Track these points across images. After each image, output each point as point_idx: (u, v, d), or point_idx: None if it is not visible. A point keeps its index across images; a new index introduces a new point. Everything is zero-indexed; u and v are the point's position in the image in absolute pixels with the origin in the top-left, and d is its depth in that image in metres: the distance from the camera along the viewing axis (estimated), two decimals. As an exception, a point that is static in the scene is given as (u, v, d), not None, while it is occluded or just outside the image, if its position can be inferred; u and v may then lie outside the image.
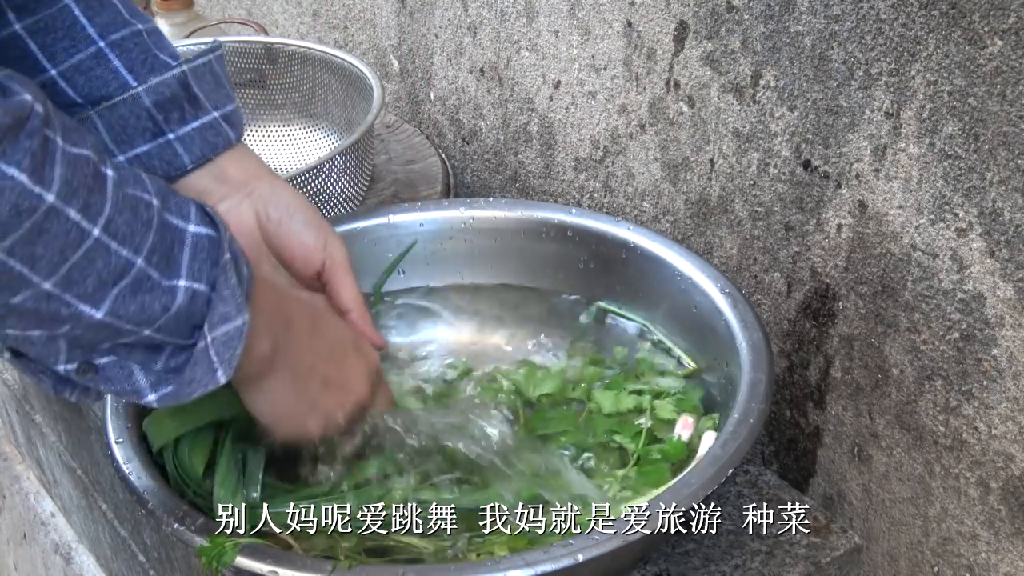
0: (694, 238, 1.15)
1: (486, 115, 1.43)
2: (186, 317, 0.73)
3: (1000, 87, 0.80)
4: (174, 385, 0.75)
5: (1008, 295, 0.85)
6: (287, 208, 0.93)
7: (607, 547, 0.78)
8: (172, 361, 0.75)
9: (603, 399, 1.01)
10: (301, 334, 0.85)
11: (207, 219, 0.75)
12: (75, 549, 1.66)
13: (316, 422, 0.88)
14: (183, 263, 0.72)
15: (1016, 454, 0.88)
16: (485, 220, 1.16)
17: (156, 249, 0.70)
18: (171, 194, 0.74)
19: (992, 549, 0.92)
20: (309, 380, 0.86)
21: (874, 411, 1.00)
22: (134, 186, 0.70)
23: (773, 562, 0.95)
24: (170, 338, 0.73)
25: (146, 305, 0.70)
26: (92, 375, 0.74)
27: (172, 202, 0.73)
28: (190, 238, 0.73)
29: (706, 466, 0.84)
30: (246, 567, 0.79)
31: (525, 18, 1.29)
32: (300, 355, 0.85)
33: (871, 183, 0.93)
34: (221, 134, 0.92)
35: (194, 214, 0.74)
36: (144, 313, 0.71)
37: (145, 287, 0.70)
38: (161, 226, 0.71)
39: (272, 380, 0.85)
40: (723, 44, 1.04)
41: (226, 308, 0.74)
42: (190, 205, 0.74)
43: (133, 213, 0.69)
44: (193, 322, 0.73)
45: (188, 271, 0.72)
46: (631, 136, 1.20)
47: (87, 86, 0.90)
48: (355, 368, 0.90)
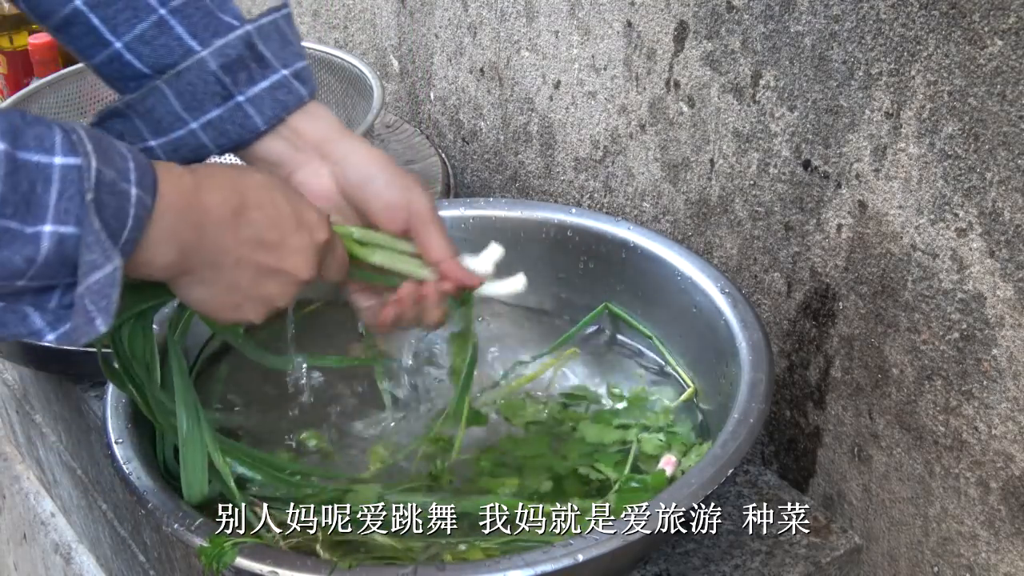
0: (694, 238, 1.15)
1: (486, 115, 1.43)
2: (60, 262, 0.69)
3: (1000, 87, 0.80)
4: (71, 324, 0.71)
5: (1008, 295, 0.85)
6: (366, 170, 0.91)
7: (607, 547, 0.78)
8: (65, 298, 0.71)
9: (587, 430, 1.00)
10: (220, 228, 0.80)
11: (71, 147, 0.69)
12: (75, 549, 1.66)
13: (255, 310, 0.84)
14: (50, 203, 0.67)
15: (1016, 454, 0.88)
16: (485, 220, 1.16)
17: (8, 199, 0.66)
18: (30, 126, 0.68)
19: (992, 549, 0.92)
20: (237, 273, 0.82)
21: (874, 411, 1.00)
22: None
23: (773, 562, 0.95)
24: (53, 281, 0.70)
25: (6, 260, 0.67)
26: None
27: (29, 136, 0.68)
28: (56, 172, 0.68)
29: (706, 466, 0.84)
30: (246, 567, 0.79)
31: (525, 18, 1.29)
32: (221, 250, 0.80)
33: (871, 183, 0.93)
34: (292, 92, 0.90)
35: (59, 144, 0.68)
36: (6, 269, 0.67)
37: (3, 241, 0.66)
38: (14, 170, 0.66)
39: (191, 279, 0.80)
40: (723, 44, 1.04)
41: (91, 255, 0.69)
42: (53, 134, 0.68)
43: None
44: (72, 263, 0.69)
45: (55, 212, 0.67)
46: (631, 136, 1.20)
47: (152, 55, 0.89)
48: (296, 250, 0.84)
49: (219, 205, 0.80)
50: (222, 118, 0.89)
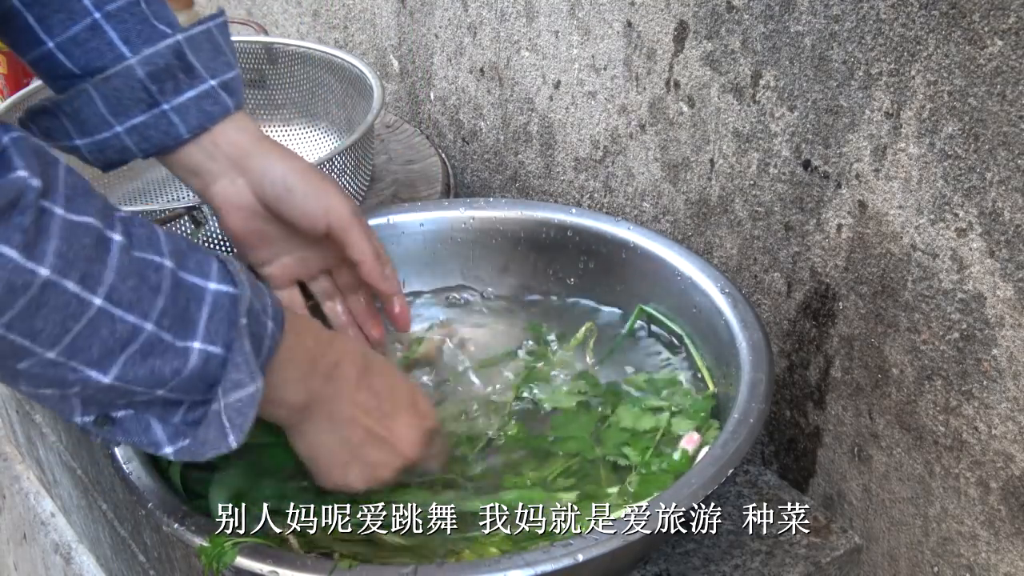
0: (694, 238, 1.15)
1: (486, 115, 1.43)
2: (200, 378, 0.72)
3: (1000, 87, 0.80)
4: (191, 439, 0.74)
5: (1008, 295, 0.85)
6: (283, 182, 0.92)
7: (607, 547, 0.78)
8: (190, 415, 0.74)
9: (624, 414, 0.99)
10: (344, 384, 0.84)
11: (228, 276, 0.74)
12: (75, 549, 1.66)
13: (358, 475, 0.87)
14: (200, 323, 0.71)
15: (1016, 454, 0.88)
16: (485, 220, 1.16)
17: (167, 312, 0.70)
18: (191, 251, 0.73)
19: (992, 549, 0.92)
20: (350, 431, 0.85)
21: (874, 411, 1.00)
22: (145, 248, 0.70)
23: (773, 562, 0.95)
24: (186, 396, 0.73)
25: (156, 369, 0.70)
26: (109, 427, 0.74)
27: (191, 260, 0.72)
28: (210, 296, 0.72)
29: (706, 466, 0.84)
30: (246, 567, 0.79)
31: (525, 18, 1.29)
32: (340, 405, 0.84)
33: (871, 183, 0.93)
34: (219, 103, 0.91)
35: (215, 272, 0.73)
36: (154, 377, 0.70)
37: (157, 351, 0.70)
38: (174, 287, 0.70)
39: (310, 426, 0.84)
40: (723, 44, 1.04)
41: (239, 375, 0.73)
42: (211, 262, 0.73)
43: (140, 278, 0.68)
44: (209, 382, 0.73)
45: (205, 332, 0.71)
46: (631, 136, 1.20)
47: (83, 58, 0.90)
48: (406, 427, 0.88)
49: (347, 363, 0.85)
50: (146, 124, 0.90)
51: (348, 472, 0.86)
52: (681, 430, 0.97)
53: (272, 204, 0.93)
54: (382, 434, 0.86)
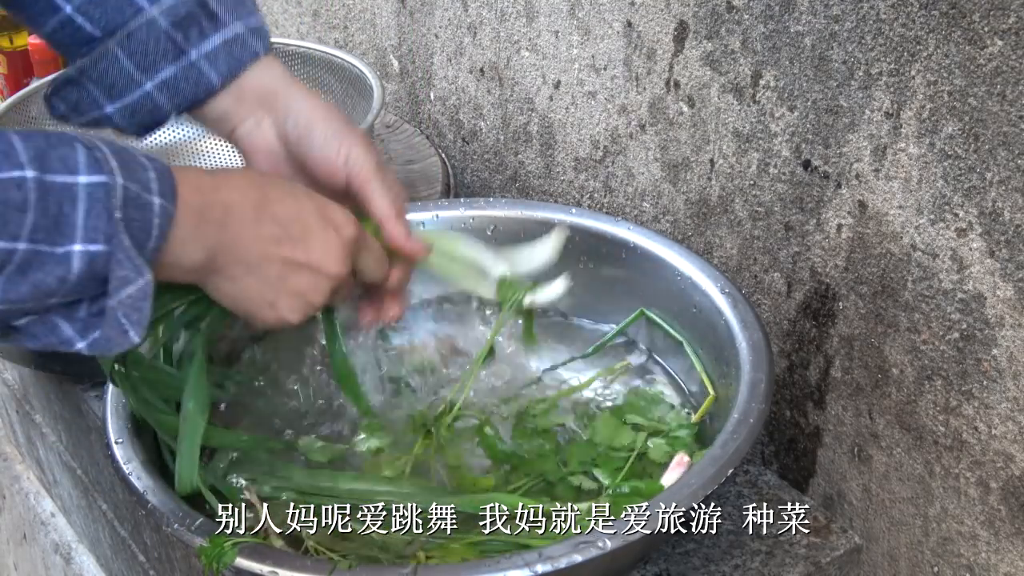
0: (694, 238, 1.15)
1: (486, 115, 1.43)
2: (90, 279, 0.69)
3: (1000, 87, 0.80)
4: (100, 331, 0.72)
5: (1008, 295, 0.85)
6: (306, 123, 0.89)
7: (607, 547, 0.78)
8: (94, 307, 0.71)
9: (600, 428, 0.99)
10: (241, 226, 0.80)
11: (96, 164, 0.70)
12: (75, 549, 1.66)
13: (290, 308, 0.83)
14: (78, 223, 0.68)
15: (1016, 454, 0.88)
16: (485, 220, 1.16)
17: (39, 226, 0.67)
18: (53, 147, 0.69)
19: (992, 549, 0.92)
20: (265, 268, 0.81)
21: (874, 411, 1.00)
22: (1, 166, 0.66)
23: (773, 562, 0.95)
24: (81, 295, 0.70)
25: (40, 283, 0.67)
26: (14, 335, 0.72)
27: (55, 157, 0.69)
28: (82, 191, 0.68)
29: (706, 466, 0.84)
30: (246, 567, 0.79)
31: (525, 18, 1.29)
32: (245, 246, 0.80)
33: (871, 183, 0.93)
34: (247, 47, 0.89)
35: (83, 163, 0.69)
36: (39, 291, 0.68)
37: (35, 264, 0.67)
38: (42, 197, 0.67)
39: (221, 277, 0.80)
40: (723, 44, 1.04)
41: (123, 271, 0.70)
42: (77, 153, 0.69)
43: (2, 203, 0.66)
44: (101, 277, 0.70)
45: (83, 231, 0.68)
46: (631, 136, 1.20)
47: (103, 17, 0.88)
48: (323, 244, 0.83)
49: (239, 202, 0.80)
50: (176, 77, 0.88)
51: (278, 309, 0.83)
52: (657, 456, 0.95)
53: (293, 146, 0.90)
54: (300, 259, 0.82)
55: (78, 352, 0.73)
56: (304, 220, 0.83)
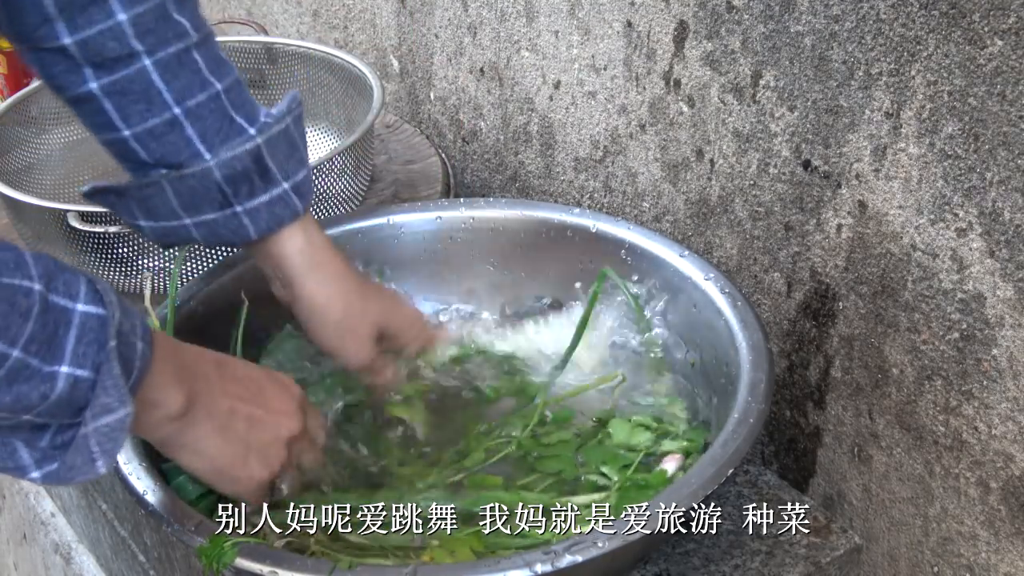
0: (694, 238, 1.15)
1: (486, 115, 1.43)
2: (68, 402, 0.70)
3: (1000, 87, 0.80)
4: (59, 463, 0.72)
5: (1008, 295, 0.85)
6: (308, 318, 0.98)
7: (607, 547, 0.78)
8: (58, 438, 0.72)
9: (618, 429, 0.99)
10: (211, 382, 0.83)
11: (96, 297, 0.71)
12: (75, 549, 1.66)
13: (258, 464, 0.86)
14: (67, 347, 0.69)
15: (1016, 454, 0.88)
16: (485, 220, 1.16)
17: (36, 337, 0.68)
18: (60, 272, 0.70)
19: (992, 549, 0.92)
20: (232, 421, 0.84)
21: (874, 411, 1.00)
22: (12, 273, 0.67)
23: (773, 562, 0.95)
24: (53, 420, 0.71)
25: (23, 395, 0.68)
26: None
27: (60, 281, 0.70)
28: (77, 318, 0.70)
29: (706, 466, 0.84)
30: (246, 567, 0.79)
31: (525, 18, 1.29)
32: (215, 400, 0.83)
33: (871, 183, 0.93)
34: (289, 206, 0.94)
35: (83, 293, 0.71)
36: (20, 402, 0.68)
37: (22, 376, 0.67)
38: (43, 312, 0.68)
39: (195, 431, 0.82)
40: (723, 44, 1.04)
41: (108, 399, 0.71)
42: (79, 282, 0.71)
43: (9, 305, 0.66)
44: (77, 405, 0.70)
45: (72, 356, 0.69)
46: (631, 136, 1.20)
47: (159, 150, 0.91)
48: (278, 398, 0.88)
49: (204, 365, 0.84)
50: (216, 221, 0.93)
51: (248, 466, 0.85)
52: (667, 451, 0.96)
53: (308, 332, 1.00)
54: (260, 414, 0.86)
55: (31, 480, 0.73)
56: (258, 380, 0.88)
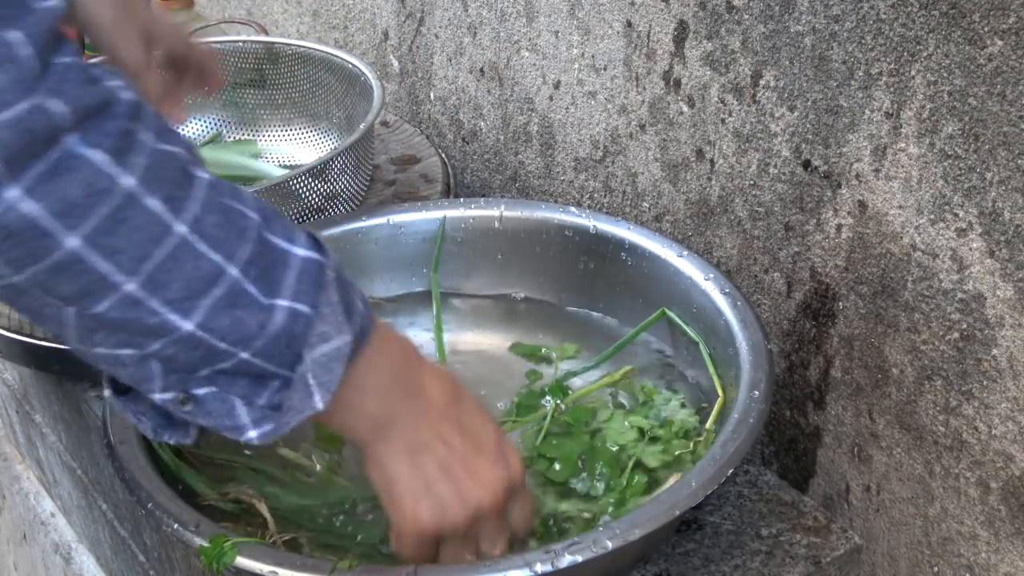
0: (694, 238, 1.15)
1: (486, 115, 1.43)
2: (287, 340, 0.67)
3: (1000, 87, 0.80)
4: (275, 424, 0.70)
5: (1008, 295, 0.85)
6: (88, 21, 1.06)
7: (607, 547, 0.78)
8: (276, 396, 0.69)
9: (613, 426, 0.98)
10: (428, 408, 0.78)
11: (315, 244, 0.70)
12: (75, 549, 1.66)
13: (430, 511, 0.77)
14: (287, 283, 0.67)
15: (1016, 454, 0.88)
16: (485, 220, 1.16)
17: (254, 262, 0.66)
18: (276, 216, 0.69)
19: (992, 549, 0.92)
20: (427, 459, 0.77)
21: (874, 411, 1.00)
22: (231, 196, 0.66)
23: (773, 562, 0.95)
24: (270, 365, 0.68)
25: (240, 320, 0.66)
26: (191, 406, 0.69)
27: (277, 224, 0.69)
28: (297, 261, 0.68)
29: (706, 466, 0.84)
30: (246, 567, 0.79)
31: (525, 18, 1.29)
32: (420, 429, 0.77)
33: (871, 183, 0.93)
34: None
35: (302, 239, 0.69)
36: (239, 330, 0.66)
37: (241, 302, 0.65)
38: (261, 241, 0.66)
39: (385, 448, 0.77)
40: (723, 44, 1.04)
41: (325, 327, 0.68)
42: (297, 231, 0.70)
43: (226, 218, 0.65)
44: (295, 348, 0.68)
45: (293, 292, 0.67)
46: (631, 136, 1.20)
47: None
48: (489, 472, 0.79)
49: (436, 388, 0.79)
50: None
51: (419, 505, 0.77)
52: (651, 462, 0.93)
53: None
54: (459, 471, 0.78)
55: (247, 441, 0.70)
56: (482, 441, 0.80)
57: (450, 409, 0.79)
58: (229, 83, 1.51)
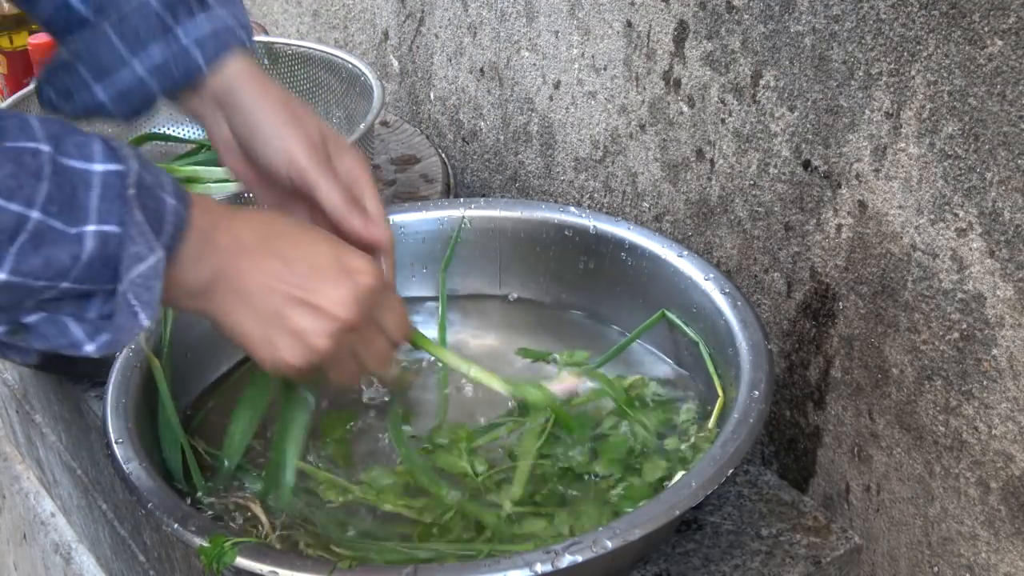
0: (694, 238, 1.15)
1: (486, 115, 1.43)
2: (102, 261, 0.69)
3: (1000, 87, 0.80)
4: (110, 333, 0.71)
5: (1008, 295, 0.85)
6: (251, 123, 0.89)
7: (607, 547, 0.78)
8: (105, 307, 0.71)
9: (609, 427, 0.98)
10: (244, 256, 0.78)
11: (112, 154, 0.70)
12: (75, 549, 1.66)
13: (288, 348, 0.79)
14: (91, 206, 0.68)
15: (1016, 454, 0.88)
16: (484, 220, 1.16)
17: (54, 198, 0.67)
18: (69, 134, 0.69)
19: (992, 549, 0.92)
20: (261, 301, 0.78)
21: (874, 411, 1.00)
22: (17, 137, 0.67)
23: (773, 562, 0.95)
24: (94, 285, 0.70)
25: (52, 258, 0.67)
26: (24, 334, 0.71)
27: (70, 143, 0.69)
28: (97, 179, 0.69)
29: (706, 466, 0.84)
30: (246, 567, 0.79)
31: (525, 18, 1.29)
32: (245, 277, 0.78)
33: (871, 183, 0.93)
34: (234, 35, 0.90)
35: (98, 152, 0.70)
36: (52, 267, 0.67)
37: (48, 239, 0.67)
38: (56, 172, 0.67)
39: (221, 306, 0.78)
40: (723, 44, 1.04)
41: (136, 247, 0.69)
42: (92, 143, 0.70)
43: (17, 164, 0.66)
44: (112, 266, 0.69)
45: (97, 213, 0.68)
46: (631, 136, 1.20)
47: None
48: (331, 286, 0.80)
49: (247, 234, 0.79)
50: (165, 59, 0.88)
51: (275, 347, 0.79)
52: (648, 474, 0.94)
53: (245, 148, 0.90)
54: (299, 296, 0.79)
55: (86, 355, 0.72)
56: (314, 260, 0.80)
57: (267, 243, 0.79)
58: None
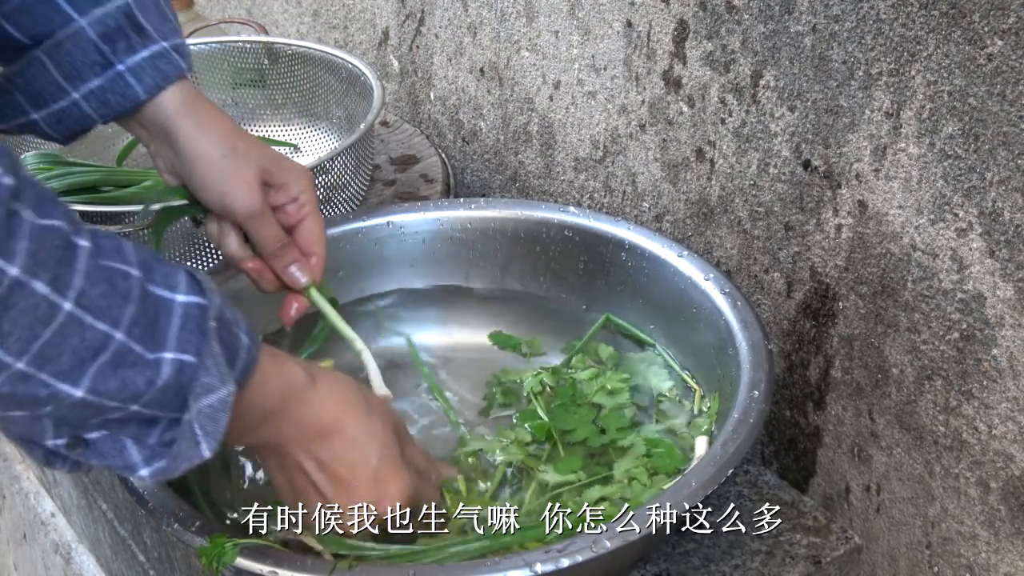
0: (694, 238, 1.15)
1: (486, 115, 1.43)
2: (175, 390, 0.70)
3: (1000, 87, 0.80)
4: (167, 460, 0.72)
5: (1008, 295, 0.85)
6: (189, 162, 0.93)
7: (607, 547, 0.78)
8: (166, 435, 0.71)
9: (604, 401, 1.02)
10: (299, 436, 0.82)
11: (196, 287, 0.72)
12: (75, 549, 1.66)
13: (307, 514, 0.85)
14: (171, 334, 0.69)
15: (1016, 454, 0.88)
16: (485, 220, 1.16)
17: (138, 321, 0.67)
18: (157, 264, 0.71)
19: (992, 549, 0.92)
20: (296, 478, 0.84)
21: (874, 411, 1.00)
22: (113, 257, 0.67)
23: (773, 562, 0.95)
24: (161, 411, 0.70)
25: (128, 381, 0.67)
26: (83, 449, 0.71)
27: (158, 273, 0.70)
28: (179, 308, 0.70)
29: (706, 466, 0.84)
30: (246, 567, 0.79)
31: (525, 18, 1.29)
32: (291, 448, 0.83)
33: (871, 183, 0.93)
34: (172, 64, 0.91)
35: (183, 284, 0.71)
36: (127, 389, 0.68)
37: (127, 361, 0.67)
38: (143, 297, 0.68)
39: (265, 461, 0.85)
40: (723, 44, 1.04)
41: (208, 378, 0.70)
42: (178, 275, 0.71)
43: (109, 285, 0.66)
44: (184, 393, 0.70)
45: (176, 342, 0.69)
46: (631, 136, 1.20)
47: (32, 26, 0.89)
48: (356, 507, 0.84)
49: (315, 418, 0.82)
50: (103, 88, 0.89)
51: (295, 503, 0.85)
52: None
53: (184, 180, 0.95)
54: (327, 497, 0.83)
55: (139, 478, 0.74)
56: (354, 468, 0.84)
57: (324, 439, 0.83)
58: (229, 83, 1.52)
